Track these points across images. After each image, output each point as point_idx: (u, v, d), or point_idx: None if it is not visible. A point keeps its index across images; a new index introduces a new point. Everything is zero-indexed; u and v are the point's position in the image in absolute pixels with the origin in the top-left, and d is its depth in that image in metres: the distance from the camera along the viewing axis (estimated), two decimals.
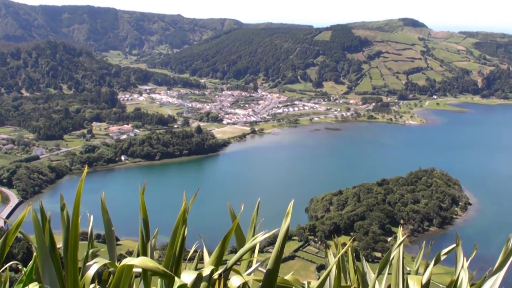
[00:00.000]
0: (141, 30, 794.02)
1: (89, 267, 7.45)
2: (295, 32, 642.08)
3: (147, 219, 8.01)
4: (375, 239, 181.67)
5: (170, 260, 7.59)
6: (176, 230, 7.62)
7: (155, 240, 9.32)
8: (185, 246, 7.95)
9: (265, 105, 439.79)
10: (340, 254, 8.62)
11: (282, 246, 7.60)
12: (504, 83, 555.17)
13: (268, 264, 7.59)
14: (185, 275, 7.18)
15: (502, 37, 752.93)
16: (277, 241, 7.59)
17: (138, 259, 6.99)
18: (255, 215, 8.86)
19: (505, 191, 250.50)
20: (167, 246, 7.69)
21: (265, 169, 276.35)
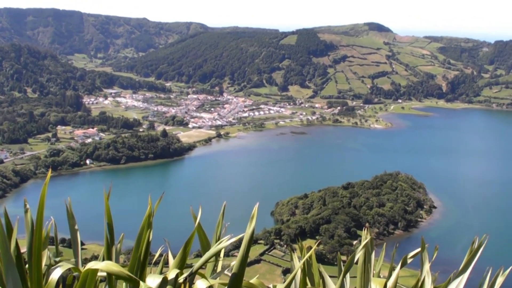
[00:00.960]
0: (106, 33, 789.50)
1: (53, 272, 7.42)
2: (261, 36, 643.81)
3: (112, 223, 7.98)
4: (340, 243, 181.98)
5: (135, 264, 7.58)
6: (141, 234, 7.61)
7: (120, 244, 9.29)
8: (150, 250, 7.93)
9: (231, 109, 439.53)
10: (305, 258, 8.64)
11: (247, 250, 7.58)
12: (468, 88, 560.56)
13: (233, 268, 7.64)
14: (150, 279, 7.16)
15: (466, 42, 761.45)
16: (242, 245, 7.57)
17: (103, 263, 6.96)
18: (220, 219, 8.86)
19: (469, 194, 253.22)
20: (132, 250, 7.70)
21: (230, 173, 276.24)
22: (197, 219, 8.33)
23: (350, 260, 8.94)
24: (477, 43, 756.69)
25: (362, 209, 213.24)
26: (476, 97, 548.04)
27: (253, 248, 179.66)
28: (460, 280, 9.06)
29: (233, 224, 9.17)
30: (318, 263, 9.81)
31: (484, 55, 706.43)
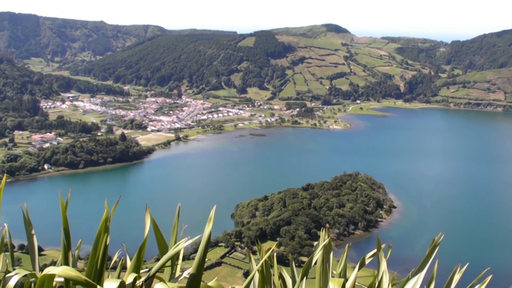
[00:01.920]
0: (63, 37, 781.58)
1: (10, 278, 7.40)
2: (219, 38, 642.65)
3: (68, 228, 7.91)
4: (301, 244, 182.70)
5: (93, 269, 7.56)
6: (98, 239, 7.59)
7: (78, 250, 9.21)
8: (108, 254, 7.89)
9: (190, 112, 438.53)
10: (263, 260, 8.64)
11: (205, 252, 7.57)
12: (425, 88, 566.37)
13: (191, 270, 7.62)
14: (108, 283, 7.14)
15: (424, 42, 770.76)
16: (200, 247, 7.56)
17: (60, 268, 6.95)
18: (176, 222, 8.82)
19: (428, 194, 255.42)
20: (90, 255, 7.69)
21: (190, 176, 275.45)
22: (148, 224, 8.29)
23: (308, 261, 8.96)
24: (434, 43, 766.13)
25: (322, 210, 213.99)
26: (433, 97, 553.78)
27: (214, 251, 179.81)
28: (418, 278, 9.16)
29: (193, 226, 9.17)
30: (279, 265, 9.84)
31: (441, 55, 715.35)
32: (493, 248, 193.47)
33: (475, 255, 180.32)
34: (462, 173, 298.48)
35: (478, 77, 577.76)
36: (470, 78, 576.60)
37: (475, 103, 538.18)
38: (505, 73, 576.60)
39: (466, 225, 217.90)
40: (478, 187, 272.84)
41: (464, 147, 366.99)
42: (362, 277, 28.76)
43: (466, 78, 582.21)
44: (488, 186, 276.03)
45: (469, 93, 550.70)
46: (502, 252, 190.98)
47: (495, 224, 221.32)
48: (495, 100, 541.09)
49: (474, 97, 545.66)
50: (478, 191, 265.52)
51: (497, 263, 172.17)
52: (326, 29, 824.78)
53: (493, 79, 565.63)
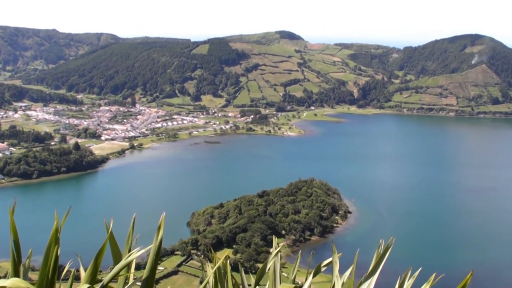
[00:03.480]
0: (15, 45, 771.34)
1: None
2: (173, 46, 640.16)
3: (18, 239, 7.88)
4: (257, 251, 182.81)
5: (44, 281, 7.57)
6: (49, 250, 7.60)
7: (29, 261, 8.99)
8: (60, 265, 7.90)
9: (144, 120, 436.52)
10: (216, 267, 8.61)
11: (156, 260, 7.60)
12: (379, 93, 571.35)
13: (143, 279, 7.64)
14: None
15: (376, 48, 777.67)
16: (150, 255, 7.62)
17: (9, 280, 6.94)
18: (130, 231, 8.69)
19: (382, 199, 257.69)
20: (40, 266, 7.69)
21: (145, 185, 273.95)
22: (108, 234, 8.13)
23: (262, 268, 8.95)
24: (387, 49, 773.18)
25: (278, 216, 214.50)
26: (387, 102, 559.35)
27: (170, 260, 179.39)
28: (370, 283, 9.20)
29: (147, 235, 9.01)
30: (235, 272, 9.76)
31: (394, 61, 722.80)
32: (447, 250, 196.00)
33: (429, 258, 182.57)
34: (416, 178, 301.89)
35: (431, 82, 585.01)
36: (423, 84, 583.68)
37: (428, 108, 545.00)
38: (456, 78, 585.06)
39: (420, 228, 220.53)
40: (431, 191, 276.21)
41: (417, 151, 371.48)
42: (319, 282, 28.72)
43: (418, 83, 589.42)
44: (441, 190, 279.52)
45: (421, 98, 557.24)
46: (456, 254, 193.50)
47: (448, 227, 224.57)
48: (447, 105, 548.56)
49: (426, 102, 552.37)
50: (432, 195, 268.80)
51: (450, 265, 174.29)
52: (279, 36, 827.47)
53: (445, 84, 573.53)
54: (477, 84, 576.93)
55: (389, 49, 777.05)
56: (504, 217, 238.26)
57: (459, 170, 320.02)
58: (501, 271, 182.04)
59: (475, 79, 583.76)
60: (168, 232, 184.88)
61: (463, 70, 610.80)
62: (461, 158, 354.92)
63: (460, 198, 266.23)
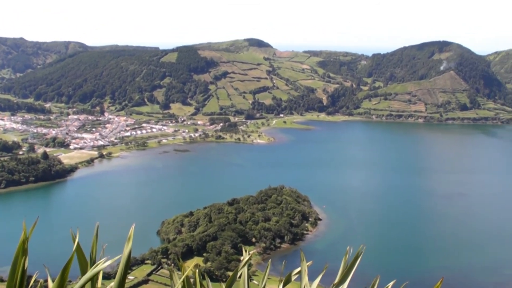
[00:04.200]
0: None
1: None
2: (141, 54, 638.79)
3: None
4: (228, 259, 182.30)
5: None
6: (16, 261, 7.58)
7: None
8: (28, 276, 7.89)
9: (113, 129, 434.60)
10: (184, 276, 8.45)
11: (125, 271, 7.62)
12: (348, 100, 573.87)
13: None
14: None
15: (345, 55, 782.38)
16: (119, 266, 7.62)
17: None
18: (94, 241, 8.40)
19: (352, 205, 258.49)
20: (8, 277, 7.65)
21: (114, 194, 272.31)
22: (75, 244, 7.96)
23: (232, 277, 8.83)
24: (355, 57, 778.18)
25: (248, 224, 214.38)
26: (356, 109, 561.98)
27: (140, 269, 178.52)
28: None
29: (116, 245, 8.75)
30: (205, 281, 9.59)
31: (363, 68, 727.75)
32: (417, 256, 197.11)
33: (399, 264, 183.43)
34: (386, 184, 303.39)
35: (399, 89, 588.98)
36: (391, 90, 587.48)
37: (397, 115, 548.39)
38: (425, 84, 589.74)
39: (391, 234, 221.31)
40: (401, 197, 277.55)
41: (387, 158, 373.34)
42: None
43: (387, 90, 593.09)
44: (412, 196, 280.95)
45: (390, 105, 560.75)
46: (426, 260, 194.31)
47: (418, 233, 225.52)
48: (416, 111, 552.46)
49: (395, 109, 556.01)
50: (402, 201, 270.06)
51: (421, 272, 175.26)
52: (248, 43, 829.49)
53: (414, 90, 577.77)
54: (445, 90, 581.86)
55: (358, 56, 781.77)
56: (474, 223, 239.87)
57: (429, 176, 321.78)
58: (472, 276, 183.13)
59: (443, 86, 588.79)
60: (138, 241, 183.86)
61: (432, 76, 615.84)
62: (430, 164, 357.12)
63: (430, 204, 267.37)
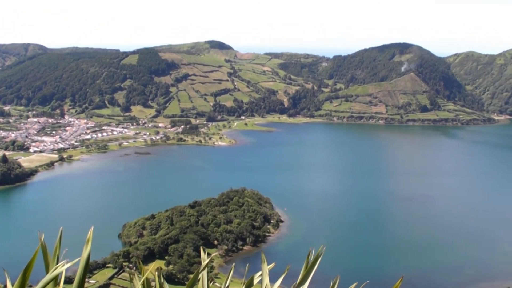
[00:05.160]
0: None
1: None
2: (102, 56, 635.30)
3: None
4: (190, 262, 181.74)
5: None
6: None
7: None
8: None
9: (73, 132, 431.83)
10: (144, 278, 8.44)
11: (84, 273, 7.63)
12: (309, 102, 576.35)
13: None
14: None
15: (306, 57, 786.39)
16: (79, 268, 7.62)
17: None
18: (57, 244, 8.27)
19: (314, 207, 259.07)
20: None
21: (75, 197, 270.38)
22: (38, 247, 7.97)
23: (192, 279, 8.78)
24: (316, 58, 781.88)
25: (210, 226, 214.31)
26: (317, 111, 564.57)
27: (102, 272, 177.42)
28: None
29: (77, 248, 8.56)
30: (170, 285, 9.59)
31: (324, 70, 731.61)
32: (379, 257, 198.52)
33: (361, 265, 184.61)
34: (348, 186, 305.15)
35: (360, 91, 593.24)
36: (352, 92, 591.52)
37: (358, 116, 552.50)
38: (385, 86, 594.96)
39: (352, 236, 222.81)
40: (363, 199, 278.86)
41: (349, 160, 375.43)
42: None
43: (348, 92, 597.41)
44: (373, 198, 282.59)
45: (351, 107, 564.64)
46: (388, 260, 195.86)
47: (380, 234, 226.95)
48: (377, 113, 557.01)
49: (356, 111, 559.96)
50: (363, 203, 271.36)
51: (382, 271, 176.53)
52: (209, 45, 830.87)
53: (375, 92, 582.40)
54: (405, 92, 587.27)
55: (319, 58, 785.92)
56: (435, 224, 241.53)
57: (390, 178, 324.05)
58: (434, 276, 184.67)
59: (404, 87, 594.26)
60: (99, 244, 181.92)
61: (392, 78, 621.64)
62: (392, 166, 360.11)
63: (392, 206, 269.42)
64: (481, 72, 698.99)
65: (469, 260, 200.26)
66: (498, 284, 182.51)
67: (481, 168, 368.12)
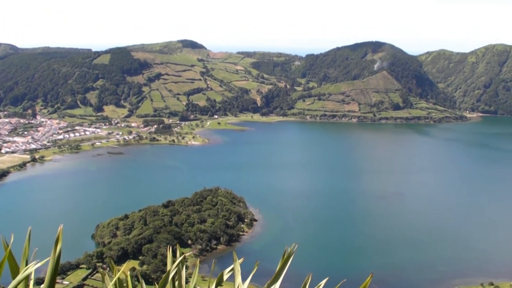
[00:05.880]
0: None
1: None
2: (74, 56, 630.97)
3: None
4: (164, 262, 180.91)
5: None
6: None
7: None
8: None
9: (45, 132, 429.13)
10: (116, 278, 8.47)
11: (54, 273, 7.61)
12: (282, 101, 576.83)
13: None
14: None
15: (279, 56, 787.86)
16: (48, 269, 7.60)
17: None
18: (26, 245, 8.27)
19: (288, 206, 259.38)
20: None
21: (48, 198, 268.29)
22: (9, 247, 7.97)
23: (164, 278, 8.83)
24: (289, 57, 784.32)
25: (184, 226, 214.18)
26: (290, 109, 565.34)
27: (75, 273, 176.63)
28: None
29: (48, 250, 8.55)
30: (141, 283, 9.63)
31: (296, 68, 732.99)
32: (352, 255, 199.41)
33: (335, 263, 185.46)
34: (322, 185, 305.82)
35: (333, 89, 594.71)
36: (325, 91, 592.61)
37: (331, 115, 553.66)
38: (358, 84, 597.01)
39: (326, 234, 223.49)
40: (337, 198, 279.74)
41: (322, 159, 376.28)
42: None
43: (321, 90, 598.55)
44: (347, 196, 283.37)
45: (324, 105, 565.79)
46: (361, 258, 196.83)
47: (354, 233, 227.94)
48: (349, 111, 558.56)
49: (329, 109, 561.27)
50: (337, 202, 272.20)
51: (356, 269, 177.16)
52: (182, 45, 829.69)
53: (347, 91, 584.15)
54: (378, 90, 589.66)
55: (291, 56, 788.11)
56: (409, 222, 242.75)
57: (364, 177, 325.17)
58: (407, 273, 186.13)
59: (376, 86, 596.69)
60: (72, 245, 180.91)
61: (365, 76, 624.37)
62: (365, 165, 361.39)
63: (366, 204, 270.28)
64: (453, 70, 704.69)
65: (442, 257, 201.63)
66: (470, 280, 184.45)
67: (453, 165, 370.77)
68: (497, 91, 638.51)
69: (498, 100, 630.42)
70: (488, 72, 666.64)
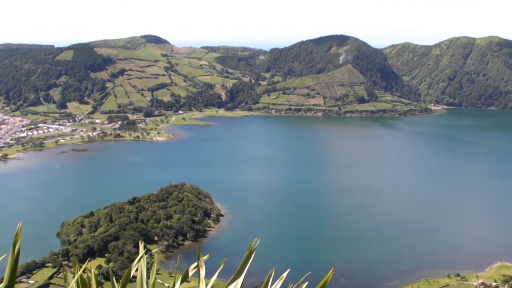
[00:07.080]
0: None
1: None
2: (36, 52, 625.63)
3: None
4: (130, 258, 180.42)
5: None
6: None
7: None
8: None
9: (8, 130, 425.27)
10: (78, 276, 8.69)
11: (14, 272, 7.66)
12: (247, 95, 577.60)
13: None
14: None
15: (243, 50, 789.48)
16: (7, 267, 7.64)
17: None
18: None
19: (254, 201, 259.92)
20: None
21: (11, 197, 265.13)
22: None
23: (125, 275, 8.89)
24: (253, 52, 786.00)
25: (150, 222, 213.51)
26: (255, 104, 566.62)
27: (41, 272, 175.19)
28: (236, 284, 9.53)
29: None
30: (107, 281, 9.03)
31: (261, 63, 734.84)
32: (318, 248, 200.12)
33: (298, 256, 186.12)
34: (288, 179, 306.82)
35: (298, 83, 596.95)
36: (290, 85, 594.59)
37: (296, 109, 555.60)
38: (323, 78, 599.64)
39: (292, 228, 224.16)
40: (303, 192, 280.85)
41: (287, 153, 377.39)
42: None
43: (286, 84, 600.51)
44: (312, 191, 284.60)
45: (289, 99, 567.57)
46: (327, 251, 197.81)
47: (320, 226, 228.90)
48: (315, 105, 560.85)
49: (294, 103, 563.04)
50: (303, 196, 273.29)
51: (320, 262, 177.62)
52: (145, 40, 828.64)
53: (312, 84, 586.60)
54: (343, 84, 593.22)
55: (256, 51, 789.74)
56: (377, 215, 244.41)
57: (330, 170, 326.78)
58: (374, 266, 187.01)
59: (341, 79, 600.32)
60: (38, 243, 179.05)
61: (330, 70, 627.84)
62: (332, 158, 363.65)
63: (333, 198, 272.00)
64: (418, 63, 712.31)
65: (409, 250, 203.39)
66: (437, 272, 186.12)
67: (419, 158, 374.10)
68: (461, 83, 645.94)
69: (463, 93, 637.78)
70: (452, 64, 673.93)
